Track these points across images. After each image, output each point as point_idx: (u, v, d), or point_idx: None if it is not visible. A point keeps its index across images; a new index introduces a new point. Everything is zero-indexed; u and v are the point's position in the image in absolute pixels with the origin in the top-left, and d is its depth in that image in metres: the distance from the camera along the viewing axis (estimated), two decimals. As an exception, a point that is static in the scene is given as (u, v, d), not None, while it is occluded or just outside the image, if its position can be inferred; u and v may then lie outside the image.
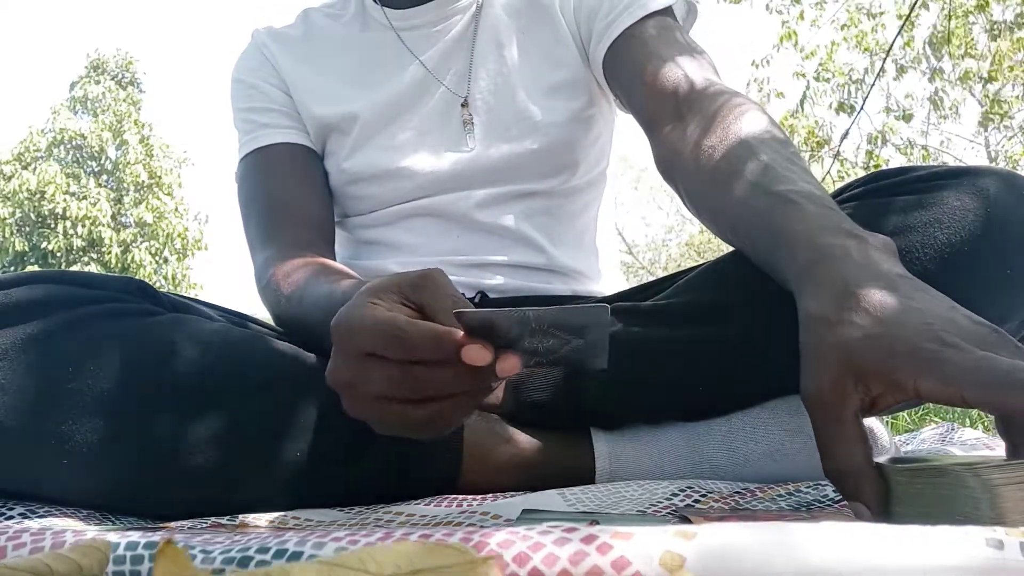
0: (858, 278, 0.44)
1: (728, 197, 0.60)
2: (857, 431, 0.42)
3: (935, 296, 0.44)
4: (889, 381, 0.41)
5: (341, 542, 0.31)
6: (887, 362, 0.41)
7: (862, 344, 0.42)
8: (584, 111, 0.88)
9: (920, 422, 1.93)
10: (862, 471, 0.42)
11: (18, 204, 12.26)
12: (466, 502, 0.58)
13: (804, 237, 0.50)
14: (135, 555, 0.32)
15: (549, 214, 0.88)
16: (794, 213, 0.52)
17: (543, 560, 0.29)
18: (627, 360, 0.63)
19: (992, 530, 0.29)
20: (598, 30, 0.84)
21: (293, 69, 0.91)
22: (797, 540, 0.28)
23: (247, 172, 0.88)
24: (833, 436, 0.43)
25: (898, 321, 0.41)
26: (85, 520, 0.55)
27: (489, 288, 0.84)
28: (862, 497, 0.42)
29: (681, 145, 0.69)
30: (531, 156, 0.86)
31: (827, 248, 0.48)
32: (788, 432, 0.62)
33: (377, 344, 0.44)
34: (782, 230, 0.52)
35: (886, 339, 0.41)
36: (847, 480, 0.43)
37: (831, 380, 0.43)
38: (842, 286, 0.45)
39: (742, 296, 0.62)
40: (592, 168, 0.92)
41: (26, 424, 0.54)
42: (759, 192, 0.57)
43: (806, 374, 0.45)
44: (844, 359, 0.42)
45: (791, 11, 5.68)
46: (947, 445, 0.88)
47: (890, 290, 0.43)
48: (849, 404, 0.42)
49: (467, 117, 0.87)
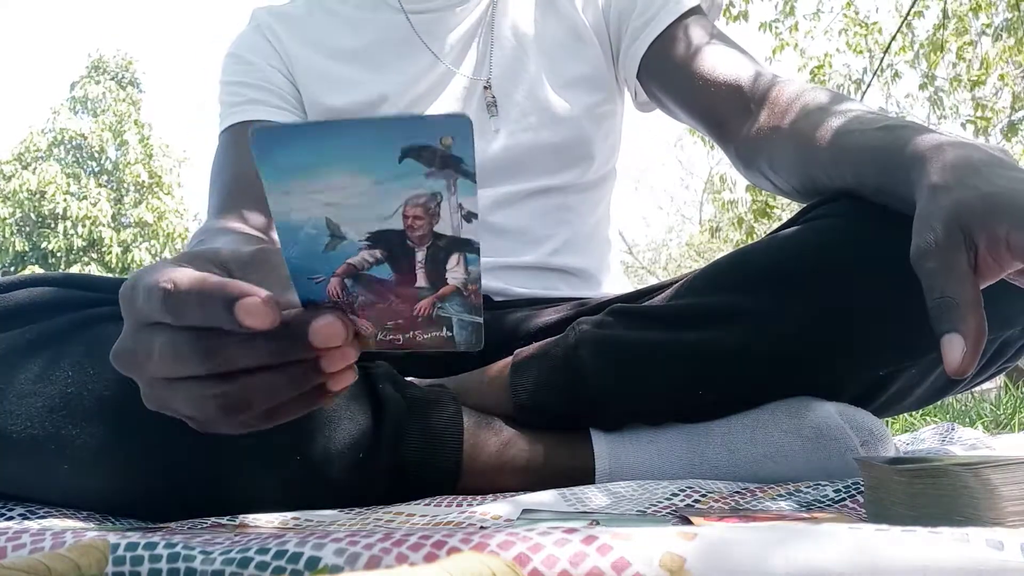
0: (976, 157, 0.49)
1: (826, 147, 0.64)
2: (969, 271, 0.44)
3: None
4: (989, 235, 0.44)
5: (341, 543, 0.31)
6: (988, 216, 0.44)
7: (972, 201, 0.45)
8: (599, 107, 0.89)
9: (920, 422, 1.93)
10: (970, 302, 0.43)
11: (18, 204, 12.26)
12: (466, 502, 0.57)
13: (922, 135, 0.54)
14: (135, 555, 0.32)
15: (565, 209, 0.88)
16: (905, 131, 0.57)
17: (543, 561, 0.29)
18: (626, 362, 0.63)
19: (992, 531, 0.29)
20: (633, 28, 0.85)
21: (300, 52, 0.88)
22: (797, 540, 0.28)
23: (223, 146, 0.86)
24: (948, 271, 0.45)
25: (1005, 186, 0.45)
26: (85, 521, 0.55)
27: (494, 292, 0.83)
28: (962, 326, 0.43)
29: (761, 134, 0.72)
30: (549, 148, 0.86)
31: (948, 138, 0.53)
32: (787, 434, 0.62)
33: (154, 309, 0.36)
34: (899, 140, 0.56)
35: (991, 197, 0.45)
36: (952, 312, 0.44)
37: (944, 232, 0.45)
38: (963, 162, 0.49)
39: (742, 299, 0.62)
40: (605, 164, 0.92)
41: (26, 428, 0.54)
42: (863, 127, 0.61)
43: (922, 232, 0.47)
44: (955, 214, 0.45)
45: (785, 23, 5.69)
46: (947, 445, 0.88)
47: (1002, 167, 0.48)
48: (960, 251, 0.45)
49: (490, 99, 0.87)
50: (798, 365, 0.62)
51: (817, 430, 0.62)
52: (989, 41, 6.08)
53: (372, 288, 0.36)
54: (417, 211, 0.33)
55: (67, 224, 12.28)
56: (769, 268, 0.62)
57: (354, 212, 0.32)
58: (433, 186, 0.32)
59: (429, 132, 0.30)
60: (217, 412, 0.37)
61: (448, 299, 0.36)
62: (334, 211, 0.32)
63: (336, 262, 0.34)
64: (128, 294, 0.38)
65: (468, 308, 0.36)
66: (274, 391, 0.37)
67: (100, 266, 12.33)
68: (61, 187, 12.35)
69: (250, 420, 0.38)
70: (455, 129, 0.30)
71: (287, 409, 0.39)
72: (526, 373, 0.66)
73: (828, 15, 6.11)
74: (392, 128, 0.30)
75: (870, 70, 6.03)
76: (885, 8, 6.05)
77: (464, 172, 0.31)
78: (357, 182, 0.31)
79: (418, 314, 0.37)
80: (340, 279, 0.35)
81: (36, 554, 0.31)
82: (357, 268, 0.35)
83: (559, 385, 0.65)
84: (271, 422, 0.39)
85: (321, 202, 0.32)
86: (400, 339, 0.37)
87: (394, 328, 0.37)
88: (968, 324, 0.43)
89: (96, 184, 12.98)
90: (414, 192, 0.32)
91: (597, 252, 0.92)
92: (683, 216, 16.82)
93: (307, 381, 0.37)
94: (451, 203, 0.32)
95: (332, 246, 0.34)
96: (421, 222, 0.33)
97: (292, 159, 0.31)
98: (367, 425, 0.60)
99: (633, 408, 0.65)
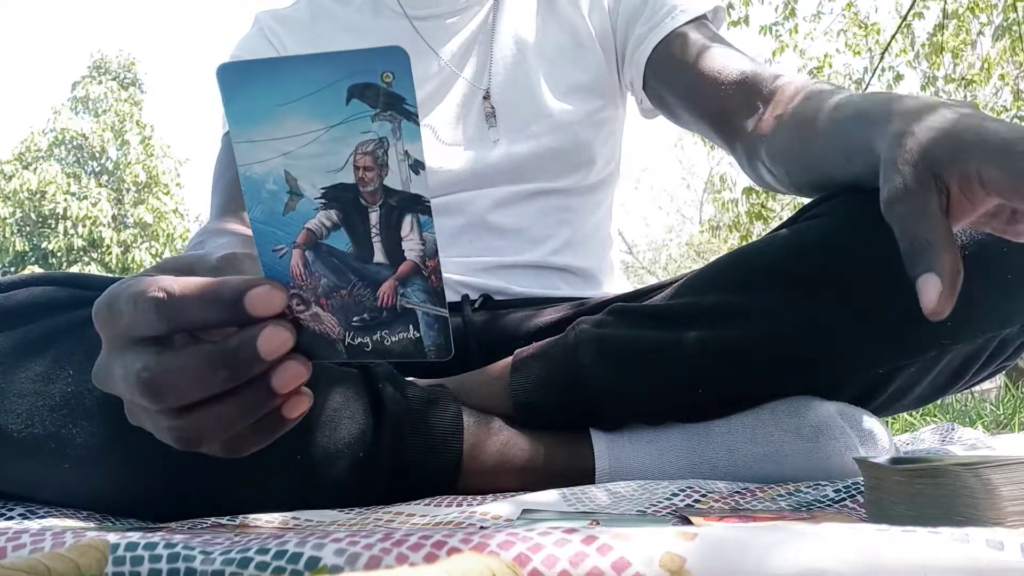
0: (943, 107, 0.48)
1: (820, 131, 0.63)
2: (940, 211, 0.43)
3: (1016, 126, 0.45)
4: (959, 172, 0.43)
5: (341, 543, 0.31)
6: (958, 153, 0.43)
7: (940, 141, 0.45)
8: (600, 112, 0.89)
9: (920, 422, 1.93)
10: (944, 241, 0.42)
11: (19, 204, 12.27)
12: (466, 502, 0.57)
13: (897, 101, 0.53)
14: (135, 555, 0.32)
15: (566, 211, 0.89)
16: (886, 96, 0.56)
17: (543, 561, 0.29)
18: (626, 362, 0.63)
19: (993, 531, 0.29)
20: (639, 34, 0.85)
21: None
22: (797, 540, 0.28)
23: (225, 147, 0.87)
24: (919, 212, 0.44)
25: (974, 126, 0.44)
26: (85, 521, 0.55)
27: (494, 291, 0.84)
28: (937, 265, 0.42)
29: (764, 127, 0.72)
30: (551, 155, 0.86)
31: (919, 98, 0.52)
32: (788, 433, 0.62)
33: (145, 320, 0.35)
34: (877, 105, 0.55)
35: (960, 135, 0.44)
36: (925, 252, 0.42)
37: (914, 175, 0.45)
38: (929, 109, 0.48)
39: (742, 298, 0.62)
40: (606, 167, 0.93)
41: (27, 427, 0.54)
42: (849, 103, 0.60)
43: (890, 178, 0.46)
44: (923, 155, 0.45)
45: (785, 25, 5.70)
46: (947, 445, 0.88)
47: (973, 116, 0.46)
48: (931, 193, 0.44)
49: (489, 109, 0.87)
50: (798, 364, 0.62)
51: (817, 430, 0.62)
52: (989, 41, 6.08)
53: (332, 266, 0.36)
54: (367, 160, 0.34)
55: (67, 224, 12.28)
56: (769, 267, 0.62)
57: (309, 162, 0.34)
58: (379, 130, 0.33)
59: (370, 64, 0.32)
60: (177, 444, 0.37)
61: (409, 282, 0.36)
62: (291, 162, 0.34)
63: (295, 226, 0.36)
64: (105, 313, 0.36)
65: (431, 294, 0.36)
66: (227, 422, 0.36)
67: (100, 266, 12.34)
68: (61, 187, 12.35)
69: (213, 450, 0.38)
70: (394, 62, 0.32)
71: (246, 441, 0.38)
72: (526, 373, 0.66)
73: (828, 16, 6.12)
74: (336, 62, 0.32)
75: (870, 70, 6.04)
76: (884, 9, 6.06)
77: (407, 113, 0.33)
78: (310, 126, 0.33)
79: (382, 304, 0.37)
80: (301, 252, 0.36)
81: (36, 554, 0.31)
82: (315, 235, 0.36)
83: (559, 385, 0.65)
84: (235, 454, 0.38)
85: (279, 151, 0.34)
86: (368, 343, 0.37)
87: (361, 328, 0.37)
88: (943, 263, 0.42)
89: (97, 184, 12.99)
90: (362, 138, 0.34)
91: (598, 251, 0.92)
92: (683, 216, 16.83)
93: (259, 407, 0.36)
94: (398, 149, 0.34)
95: (291, 206, 0.35)
96: (371, 174, 0.34)
97: (253, 99, 0.33)
98: (367, 425, 0.60)
99: (633, 408, 0.65)
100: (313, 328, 0.37)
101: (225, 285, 0.34)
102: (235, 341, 0.34)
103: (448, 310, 0.37)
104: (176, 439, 0.37)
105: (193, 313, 0.34)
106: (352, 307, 0.37)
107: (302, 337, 0.37)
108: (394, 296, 0.37)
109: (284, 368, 0.35)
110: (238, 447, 0.38)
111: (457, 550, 0.30)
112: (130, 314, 0.35)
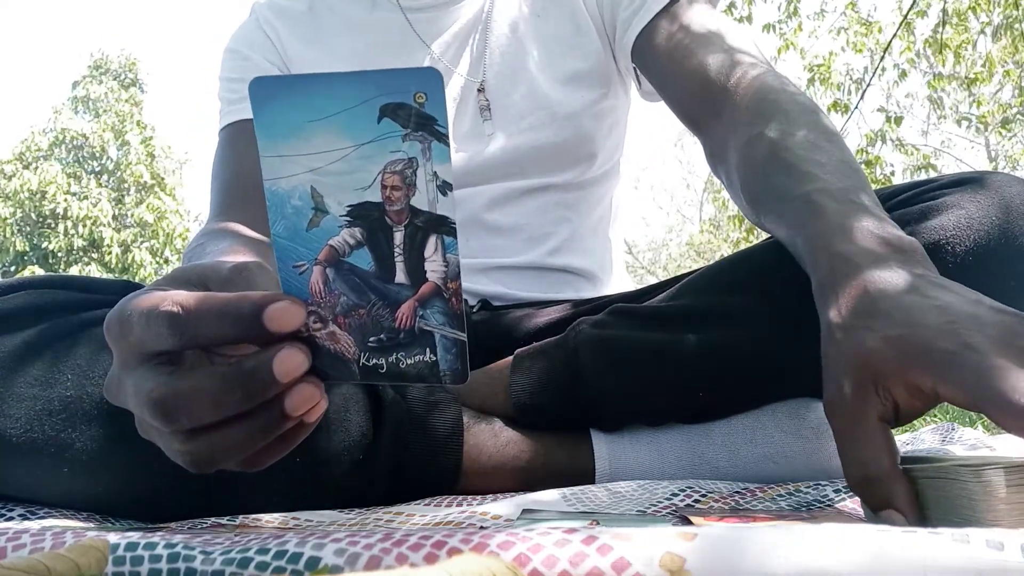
0: (877, 283, 0.43)
1: (761, 207, 0.59)
2: (883, 436, 0.41)
3: (959, 292, 0.42)
4: (908, 385, 0.39)
5: (341, 543, 0.31)
6: (904, 364, 0.39)
7: (880, 347, 0.40)
8: (600, 102, 0.86)
9: (920, 422, 1.93)
10: (891, 474, 0.40)
11: (19, 204, 12.26)
12: (466, 502, 0.57)
13: (823, 246, 0.48)
14: (135, 555, 0.32)
15: (566, 207, 0.87)
16: (814, 221, 0.50)
17: (543, 561, 0.29)
18: (626, 363, 0.63)
19: (992, 531, 0.29)
20: (623, 19, 0.82)
21: (299, 52, 0.88)
22: (797, 540, 0.28)
23: (223, 143, 0.86)
24: (858, 442, 0.41)
25: (916, 322, 0.40)
26: (85, 521, 0.55)
27: (492, 296, 0.83)
28: (894, 502, 0.40)
29: (722, 145, 0.68)
30: (549, 148, 0.84)
31: (846, 255, 0.46)
32: (788, 435, 0.62)
33: (158, 335, 0.34)
34: (805, 239, 0.50)
35: (902, 341, 0.40)
36: (876, 487, 0.40)
37: (852, 386, 0.41)
38: (861, 292, 0.43)
39: (742, 300, 0.62)
40: (608, 160, 0.91)
41: (26, 432, 0.53)
42: (785, 199, 0.55)
43: (828, 383, 0.44)
44: (862, 363, 0.41)
45: (790, 24, 5.69)
46: (947, 445, 0.88)
47: (910, 292, 0.42)
48: (871, 410, 0.41)
49: (484, 103, 0.85)
50: (799, 365, 0.62)
51: (817, 430, 0.62)
52: (989, 40, 6.09)
53: (352, 284, 0.36)
54: (395, 180, 0.34)
55: (68, 224, 12.27)
56: (770, 268, 0.62)
57: (336, 179, 0.34)
58: (409, 150, 0.33)
59: (403, 84, 0.32)
60: (190, 467, 0.36)
61: (429, 304, 0.36)
62: (318, 179, 0.34)
63: (318, 242, 0.35)
64: (116, 328, 0.35)
65: (450, 317, 0.36)
66: (240, 445, 0.35)
67: (100, 266, 12.33)
68: (62, 187, 12.34)
69: (229, 467, 0.37)
70: (427, 83, 0.32)
71: (263, 455, 0.37)
72: (526, 373, 0.66)
73: (832, 14, 6.12)
74: (369, 80, 0.32)
75: (871, 69, 6.04)
76: (885, 8, 6.06)
77: (437, 134, 0.33)
78: (340, 143, 0.33)
79: (400, 325, 0.36)
80: (322, 269, 0.36)
81: (36, 554, 0.31)
82: (338, 252, 0.35)
83: (559, 385, 0.65)
84: (252, 468, 0.37)
85: (307, 167, 0.34)
86: (383, 364, 0.37)
87: (377, 349, 0.37)
88: (897, 496, 0.40)
89: (97, 184, 12.98)
90: (391, 157, 0.33)
91: (599, 251, 0.91)
92: (683, 216, 16.83)
93: (271, 430, 0.35)
94: (426, 170, 0.33)
95: (315, 222, 0.35)
96: (399, 193, 0.34)
97: (284, 113, 0.33)
98: (367, 426, 0.60)
99: (633, 408, 0.65)
100: (328, 347, 0.37)
101: (244, 300, 0.33)
102: (251, 363, 0.33)
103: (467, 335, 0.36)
104: (189, 462, 0.36)
105: (209, 328, 0.33)
106: (369, 327, 0.36)
107: (316, 357, 0.36)
108: (413, 317, 0.36)
109: (297, 391, 0.34)
110: (255, 462, 0.37)
111: (457, 550, 0.30)
112: (142, 329, 0.34)
